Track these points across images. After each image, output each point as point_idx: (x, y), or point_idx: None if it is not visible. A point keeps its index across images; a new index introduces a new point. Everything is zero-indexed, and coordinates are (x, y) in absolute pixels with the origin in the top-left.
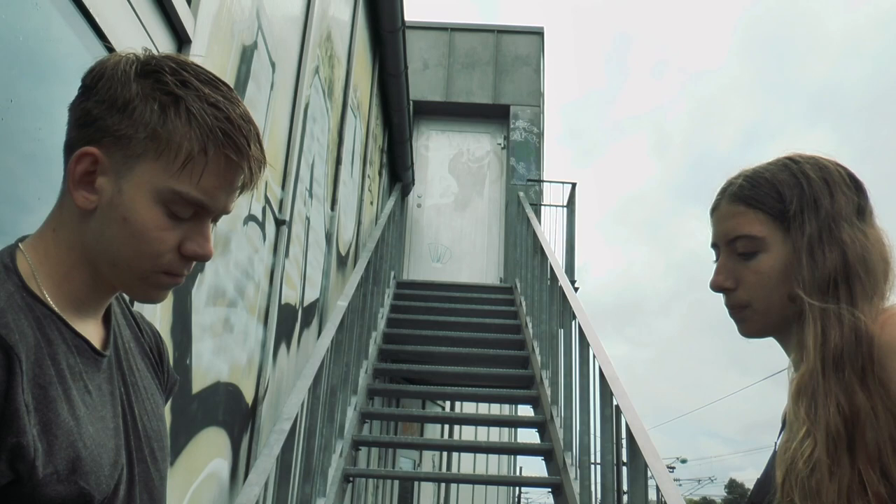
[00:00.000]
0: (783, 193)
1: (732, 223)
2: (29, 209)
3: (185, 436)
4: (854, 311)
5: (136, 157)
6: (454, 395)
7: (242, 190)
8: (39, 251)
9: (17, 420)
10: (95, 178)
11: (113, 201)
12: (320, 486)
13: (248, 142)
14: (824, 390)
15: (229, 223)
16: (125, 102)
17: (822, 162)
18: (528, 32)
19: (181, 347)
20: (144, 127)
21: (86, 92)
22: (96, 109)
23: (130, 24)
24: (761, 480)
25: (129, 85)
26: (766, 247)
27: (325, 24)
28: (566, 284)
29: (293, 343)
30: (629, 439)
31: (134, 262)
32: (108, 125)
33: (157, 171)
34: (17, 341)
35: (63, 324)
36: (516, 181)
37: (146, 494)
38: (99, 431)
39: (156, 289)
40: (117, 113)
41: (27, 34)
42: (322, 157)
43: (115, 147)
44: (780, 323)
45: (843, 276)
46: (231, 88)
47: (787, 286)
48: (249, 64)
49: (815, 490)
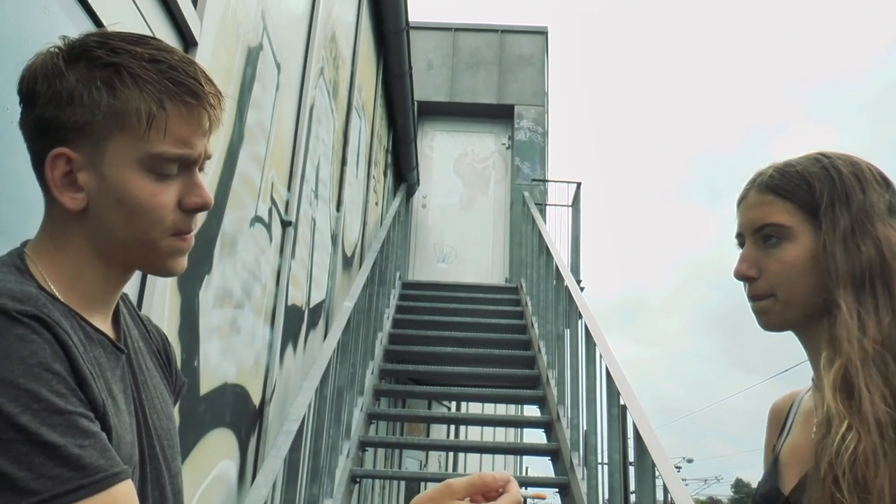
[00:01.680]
0: (813, 185)
1: (760, 212)
2: (32, 211)
3: (194, 437)
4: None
5: (103, 138)
6: (460, 396)
7: (212, 128)
8: (42, 259)
9: (86, 380)
10: (75, 177)
11: (100, 190)
12: (328, 486)
13: (198, 81)
14: (865, 383)
15: (236, 224)
16: (70, 93)
17: (853, 159)
18: (531, 32)
19: (189, 349)
20: (98, 107)
21: (28, 102)
22: (46, 112)
23: (137, 26)
24: (764, 482)
25: (64, 75)
26: (793, 237)
27: (330, 25)
28: (572, 284)
29: (300, 344)
30: (636, 439)
31: (144, 236)
32: (64, 121)
33: (127, 143)
34: (60, 318)
35: (83, 320)
36: (521, 181)
37: (157, 492)
38: (122, 424)
39: (173, 257)
40: (67, 106)
41: (35, 38)
42: (327, 158)
43: (80, 139)
44: (802, 317)
45: (880, 270)
46: (160, 40)
47: (812, 279)
48: (255, 65)
49: (862, 483)
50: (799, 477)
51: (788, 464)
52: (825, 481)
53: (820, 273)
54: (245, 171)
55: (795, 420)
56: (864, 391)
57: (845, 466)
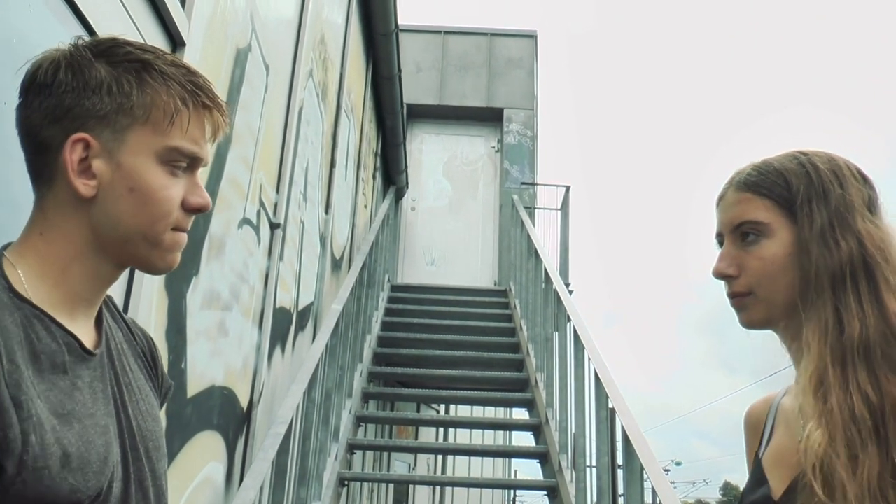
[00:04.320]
0: (790, 182)
1: (738, 210)
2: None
3: (180, 440)
4: (881, 300)
5: (125, 128)
6: (449, 399)
7: (216, 136)
8: (28, 256)
9: (2, 413)
10: (90, 164)
11: (114, 178)
12: (315, 489)
13: (213, 91)
14: (839, 381)
15: (224, 226)
16: (99, 82)
17: (831, 155)
18: (521, 36)
19: (176, 351)
20: (128, 98)
21: (42, 90)
22: (67, 99)
23: (125, 26)
24: (750, 489)
25: (94, 65)
26: (771, 233)
27: (319, 27)
28: (560, 287)
29: (288, 346)
30: (625, 441)
31: (148, 228)
32: (88, 108)
33: (149, 135)
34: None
35: (53, 322)
36: (510, 184)
37: (141, 493)
38: (87, 428)
39: (171, 251)
40: (93, 94)
41: (20, 37)
42: (316, 160)
43: (100, 127)
44: (783, 314)
45: (862, 265)
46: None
47: (791, 275)
48: (244, 67)
49: (835, 484)
50: (787, 480)
51: (774, 468)
52: (808, 484)
53: (799, 269)
54: (233, 172)
55: (776, 423)
56: (836, 390)
57: (820, 468)
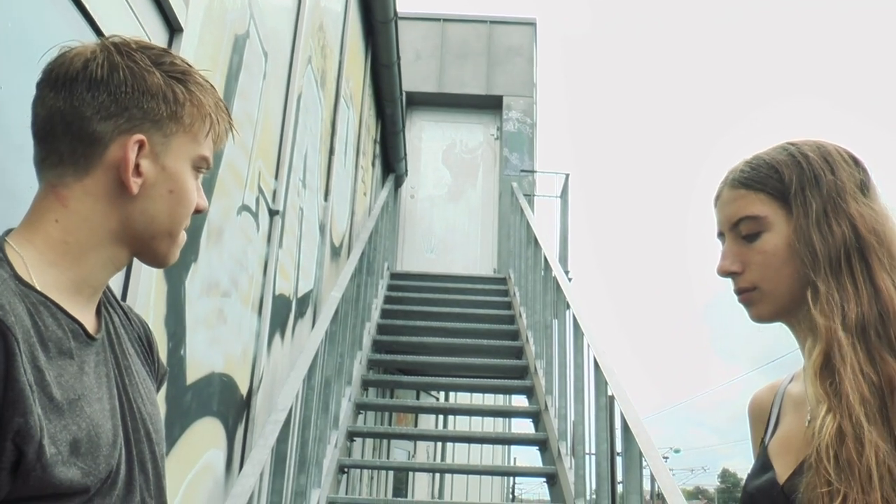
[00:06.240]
0: (782, 173)
1: (735, 207)
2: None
3: (180, 427)
4: (875, 281)
5: (172, 134)
6: (448, 386)
7: (216, 146)
8: (37, 242)
9: (22, 400)
10: (138, 163)
11: (157, 179)
12: (315, 476)
13: (227, 106)
14: (845, 363)
15: (222, 213)
16: (157, 88)
17: (820, 142)
18: (520, 23)
19: (175, 338)
20: (181, 106)
21: (96, 85)
22: (126, 100)
23: (122, 12)
24: (755, 474)
25: (153, 72)
26: (769, 226)
27: (318, 14)
28: (560, 274)
29: (287, 334)
30: (624, 428)
31: (175, 226)
32: (146, 111)
33: (189, 142)
34: (14, 323)
35: (59, 309)
36: (509, 172)
37: (143, 475)
38: (96, 412)
39: (178, 245)
40: (152, 99)
41: (17, 23)
42: (315, 147)
43: (153, 130)
44: (789, 305)
45: (857, 248)
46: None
47: (793, 265)
48: (242, 53)
49: (847, 465)
50: (793, 465)
51: (780, 454)
52: (817, 467)
53: (800, 258)
54: (232, 159)
55: (783, 410)
56: (843, 374)
57: (828, 450)
